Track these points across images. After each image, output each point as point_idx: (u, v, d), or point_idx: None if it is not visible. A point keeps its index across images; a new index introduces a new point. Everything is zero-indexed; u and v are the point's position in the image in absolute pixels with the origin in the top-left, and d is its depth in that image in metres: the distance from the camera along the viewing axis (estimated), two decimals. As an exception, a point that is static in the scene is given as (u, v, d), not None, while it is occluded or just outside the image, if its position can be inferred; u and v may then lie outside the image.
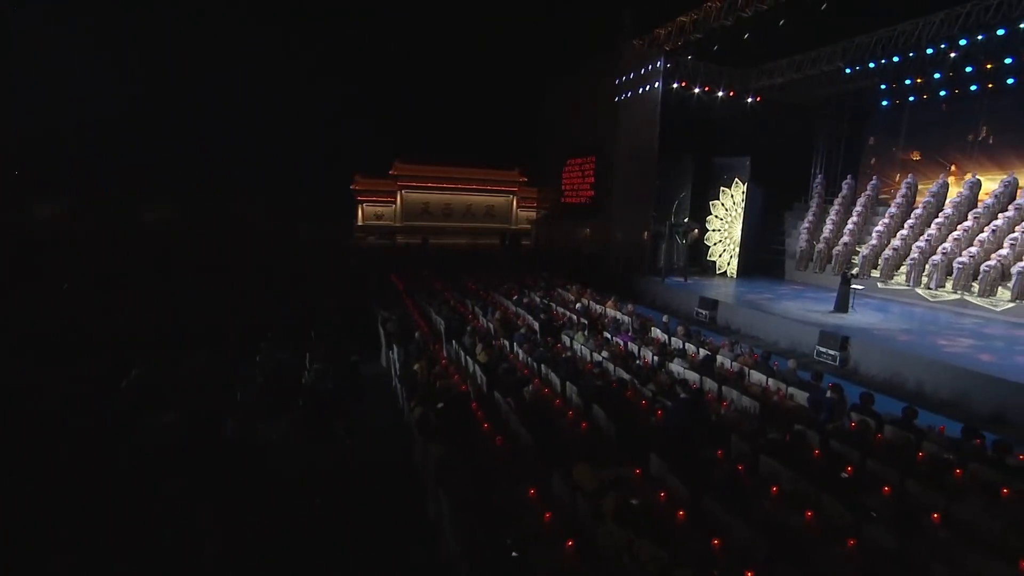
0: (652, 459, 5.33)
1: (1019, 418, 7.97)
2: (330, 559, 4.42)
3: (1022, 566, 3.96)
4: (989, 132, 15.82)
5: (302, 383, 6.70)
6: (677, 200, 18.55)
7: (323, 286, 15.84)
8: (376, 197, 32.32)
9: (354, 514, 4.84)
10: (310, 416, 5.07)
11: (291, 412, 5.32)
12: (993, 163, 15.74)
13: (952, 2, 13.28)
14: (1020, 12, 12.29)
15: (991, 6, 12.68)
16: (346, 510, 4.79)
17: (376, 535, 4.82)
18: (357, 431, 6.00)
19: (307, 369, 7.18)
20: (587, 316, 12.48)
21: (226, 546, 3.60)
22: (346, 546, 4.58)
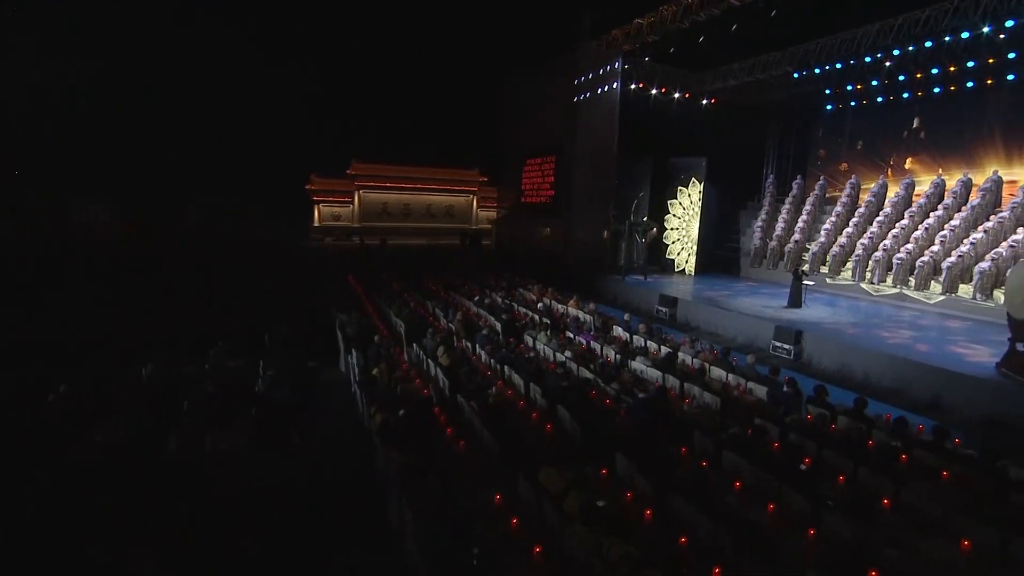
0: (618, 459, 5.31)
1: (952, 403, 8.47)
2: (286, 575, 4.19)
3: (964, 545, 4.15)
4: (920, 136, 16.79)
5: (255, 391, 6.37)
6: (636, 199, 18.84)
7: (278, 289, 15.24)
8: (333, 197, 31.50)
9: (311, 527, 4.61)
10: (263, 426, 4.80)
11: (243, 422, 5.02)
12: (924, 165, 16.72)
13: (885, 15, 13.99)
14: (944, 26, 13.10)
15: (919, 20, 13.45)
16: (303, 523, 4.55)
17: (336, 547, 4.61)
18: (314, 440, 5.75)
19: (260, 376, 6.83)
20: (549, 316, 12.47)
21: (163, 570, 3.32)
22: (303, 560, 4.35)
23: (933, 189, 15.93)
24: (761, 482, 4.94)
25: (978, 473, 5.27)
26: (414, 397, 6.81)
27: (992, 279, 12.94)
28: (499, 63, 27.14)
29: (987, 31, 12.81)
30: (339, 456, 5.96)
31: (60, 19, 22.77)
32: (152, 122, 25.35)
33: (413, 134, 32.22)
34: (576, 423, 6.18)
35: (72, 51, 23.24)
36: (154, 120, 25.41)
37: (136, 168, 25.93)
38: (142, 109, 25.20)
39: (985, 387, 8.45)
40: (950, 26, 13.08)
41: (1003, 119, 14.88)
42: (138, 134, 25.34)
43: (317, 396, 7.49)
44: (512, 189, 27.15)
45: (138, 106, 25.30)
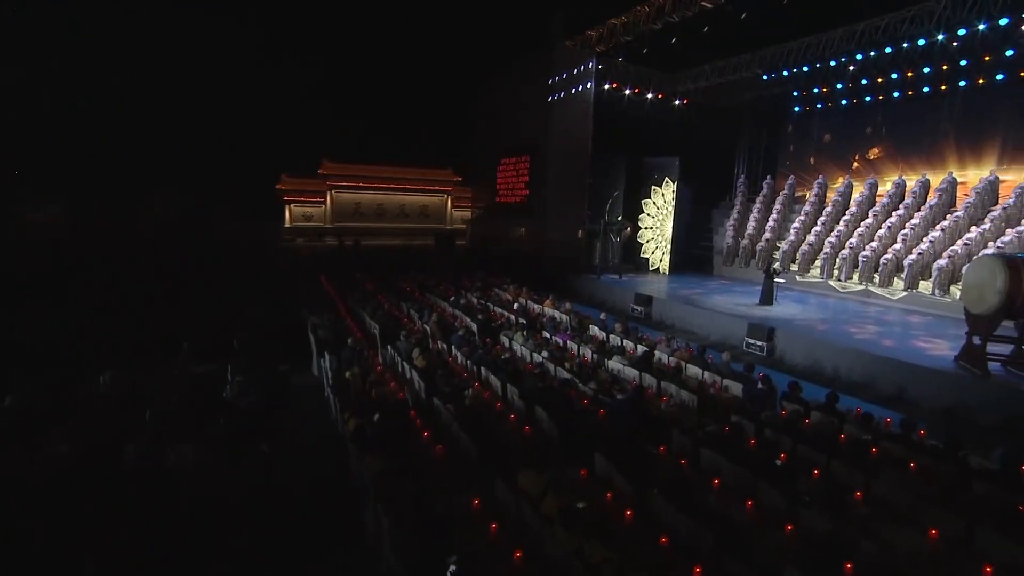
0: (597, 459, 5.28)
1: (916, 396, 8.78)
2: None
3: (932, 534, 4.25)
4: (882, 138, 17.36)
5: (223, 398, 6.12)
6: (611, 199, 18.96)
7: (247, 291, 14.80)
8: (305, 197, 30.81)
9: (284, 538, 4.44)
10: (231, 434, 4.60)
11: (210, 431, 4.81)
12: (886, 165, 17.30)
13: (848, 21, 14.41)
14: (903, 33, 13.58)
15: (879, 27, 13.92)
16: (275, 534, 4.38)
17: (311, 557, 4.46)
18: (286, 447, 5.55)
19: (228, 382, 6.58)
20: (525, 316, 12.42)
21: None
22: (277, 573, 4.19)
23: (895, 189, 16.50)
24: (739, 479, 4.97)
25: (942, 463, 5.43)
26: (389, 400, 6.67)
27: (949, 275, 13.44)
28: (473, 63, 26.99)
29: (941, 39, 13.34)
30: (312, 463, 5.79)
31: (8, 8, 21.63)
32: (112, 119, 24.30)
33: (386, 134, 31.73)
34: (554, 424, 6.13)
35: (26, 43, 22.14)
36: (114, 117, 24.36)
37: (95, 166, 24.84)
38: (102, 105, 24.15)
39: (945, 379, 8.76)
40: (908, 33, 13.59)
41: (957, 123, 15.52)
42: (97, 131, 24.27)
43: (289, 401, 7.26)
44: (487, 189, 27.04)
45: (98, 102, 24.24)
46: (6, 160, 22.81)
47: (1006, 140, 14.63)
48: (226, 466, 4.25)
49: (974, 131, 15.20)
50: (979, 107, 14.98)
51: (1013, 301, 8.35)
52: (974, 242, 13.57)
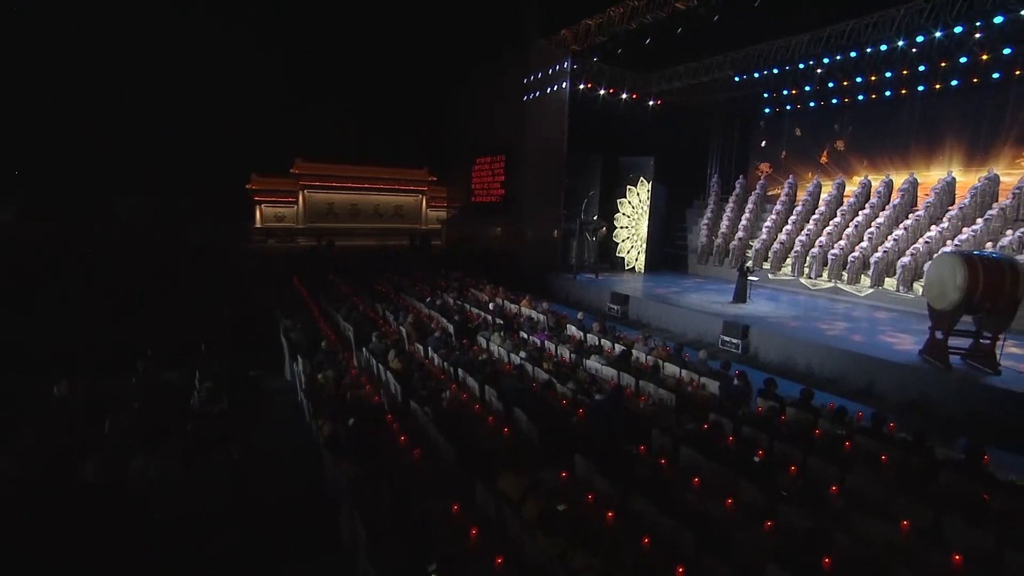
0: (577, 460, 5.24)
1: (884, 390, 9.05)
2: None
3: (903, 526, 4.34)
4: (847, 139, 17.86)
5: (190, 405, 5.88)
6: (586, 198, 19.04)
7: (216, 294, 14.35)
8: (276, 197, 30.16)
9: (257, 549, 4.27)
10: (199, 443, 4.40)
11: (176, 440, 4.60)
12: (852, 166, 17.80)
13: (815, 26, 14.80)
14: (866, 38, 14.00)
15: (844, 32, 14.32)
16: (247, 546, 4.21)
17: (285, 569, 4.30)
18: (257, 455, 5.36)
19: (196, 389, 6.32)
20: (502, 316, 12.34)
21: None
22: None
23: (861, 189, 17.00)
24: (718, 477, 5.00)
25: (911, 455, 5.56)
26: (364, 404, 6.52)
27: (912, 272, 13.90)
28: (447, 62, 26.79)
29: (901, 45, 13.79)
30: (285, 471, 5.60)
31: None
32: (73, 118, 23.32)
33: (360, 133, 31.28)
34: (533, 425, 6.08)
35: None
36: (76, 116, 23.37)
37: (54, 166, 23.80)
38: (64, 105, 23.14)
39: (910, 373, 9.04)
40: (871, 39, 14.01)
41: (916, 126, 16.08)
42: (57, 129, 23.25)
43: (260, 407, 7.04)
44: (462, 189, 26.87)
45: (60, 101, 23.22)
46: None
47: (960, 143, 15.23)
48: (194, 477, 4.06)
49: (932, 134, 15.77)
50: (936, 111, 15.57)
51: (971, 297, 8.65)
52: (934, 240, 14.05)
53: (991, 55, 13.53)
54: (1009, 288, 8.62)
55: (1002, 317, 8.86)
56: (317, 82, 30.00)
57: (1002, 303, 8.71)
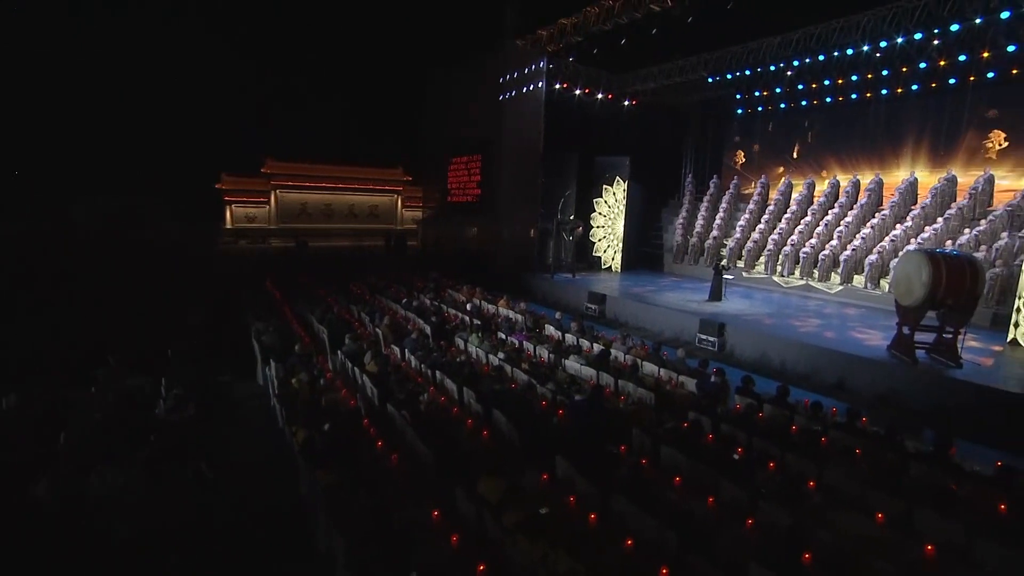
0: (558, 462, 5.19)
1: (855, 384, 9.28)
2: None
3: (879, 518, 4.42)
4: (817, 140, 18.30)
5: (155, 414, 5.62)
6: (563, 198, 19.07)
7: (185, 297, 13.88)
8: (247, 197, 29.44)
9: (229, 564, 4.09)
10: (165, 454, 4.19)
11: (139, 453, 4.38)
12: (822, 166, 18.24)
13: (785, 29, 15.15)
14: (833, 42, 14.40)
15: (813, 35, 14.69)
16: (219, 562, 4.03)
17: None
18: (228, 464, 5.16)
19: (162, 397, 6.06)
20: (480, 316, 12.25)
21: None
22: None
23: (830, 189, 17.42)
24: (699, 475, 5.01)
25: (884, 449, 5.68)
26: (340, 409, 6.35)
27: (879, 270, 14.31)
28: (423, 60, 26.54)
29: (866, 49, 14.20)
30: (258, 480, 5.40)
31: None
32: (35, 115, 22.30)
33: (333, 132, 30.78)
34: (513, 427, 6.01)
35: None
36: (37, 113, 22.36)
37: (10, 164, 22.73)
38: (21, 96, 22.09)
39: (879, 368, 9.28)
40: (838, 43, 14.40)
41: (881, 128, 16.57)
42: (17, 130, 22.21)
43: (231, 414, 6.80)
44: (438, 188, 26.65)
45: (21, 99, 22.16)
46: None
47: (922, 145, 15.76)
48: (159, 491, 3.86)
49: (895, 136, 16.28)
50: (899, 114, 16.09)
51: (935, 293, 8.93)
52: (899, 238, 14.49)
53: (948, 61, 14.03)
54: (969, 285, 8.94)
55: (963, 313, 9.18)
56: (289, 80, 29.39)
57: (963, 299, 9.03)
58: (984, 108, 14.41)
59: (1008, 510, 4.62)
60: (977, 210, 14.06)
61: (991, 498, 4.77)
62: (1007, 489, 4.96)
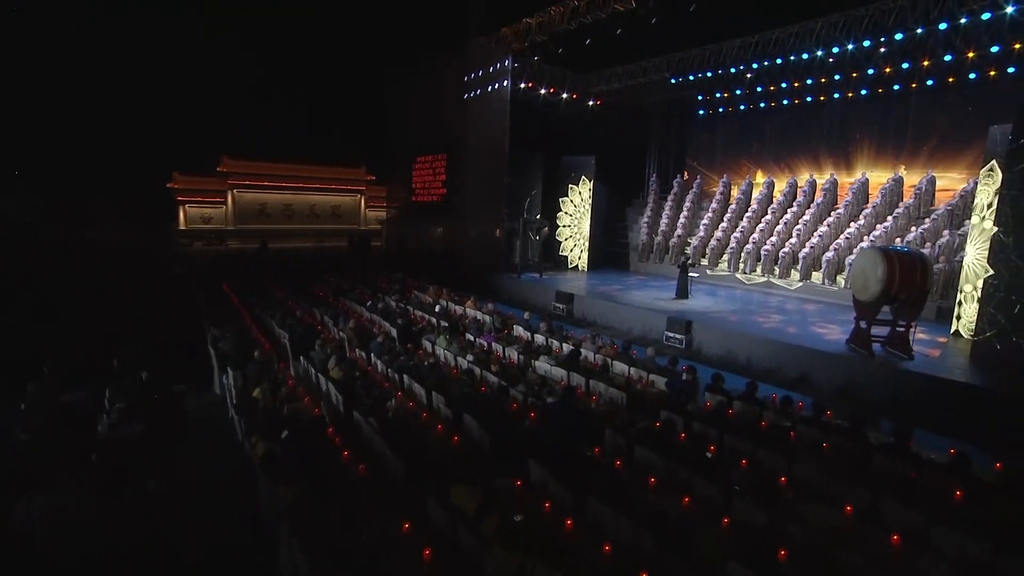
0: (532, 466, 5.07)
1: (817, 378, 9.52)
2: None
3: (847, 511, 4.48)
4: (776, 141, 18.84)
5: (97, 431, 5.20)
6: (529, 197, 19.02)
7: (133, 302, 13.12)
8: (202, 197, 28.26)
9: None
10: (106, 476, 3.85)
11: (78, 475, 4.01)
12: (780, 166, 18.80)
13: (744, 33, 15.54)
14: (790, 47, 14.86)
15: (771, 39, 15.13)
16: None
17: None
18: (181, 483, 4.82)
19: (106, 411, 5.62)
20: (447, 318, 12.04)
21: None
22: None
23: (788, 188, 17.97)
24: (673, 474, 4.98)
25: (849, 442, 5.80)
26: (303, 418, 6.07)
27: (835, 267, 14.83)
28: (386, 58, 26.05)
29: (820, 54, 14.70)
30: (214, 499, 5.05)
31: None
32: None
33: (294, 130, 29.81)
34: (484, 432, 5.86)
35: None
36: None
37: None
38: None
39: (839, 361, 9.56)
40: (794, 47, 14.88)
41: (835, 130, 17.23)
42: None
43: (184, 427, 6.39)
44: (402, 188, 26.23)
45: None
46: None
47: (871, 147, 16.48)
48: (98, 515, 3.54)
49: (847, 137, 17.00)
50: (851, 117, 16.80)
51: (890, 288, 9.27)
52: (853, 236, 15.05)
53: (893, 68, 14.67)
54: (920, 280, 9.34)
55: (914, 307, 9.58)
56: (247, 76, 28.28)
57: (915, 294, 9.41)
58: (925, 113, 15.15)
59: (963, 497, 4.77)
60: (922, 209, 14.75)
61: (947, 486, 4.91)
62: (961, 476, 5.13)
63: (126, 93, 24.77)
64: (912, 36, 13.12)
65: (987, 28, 12.25)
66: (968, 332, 10.41)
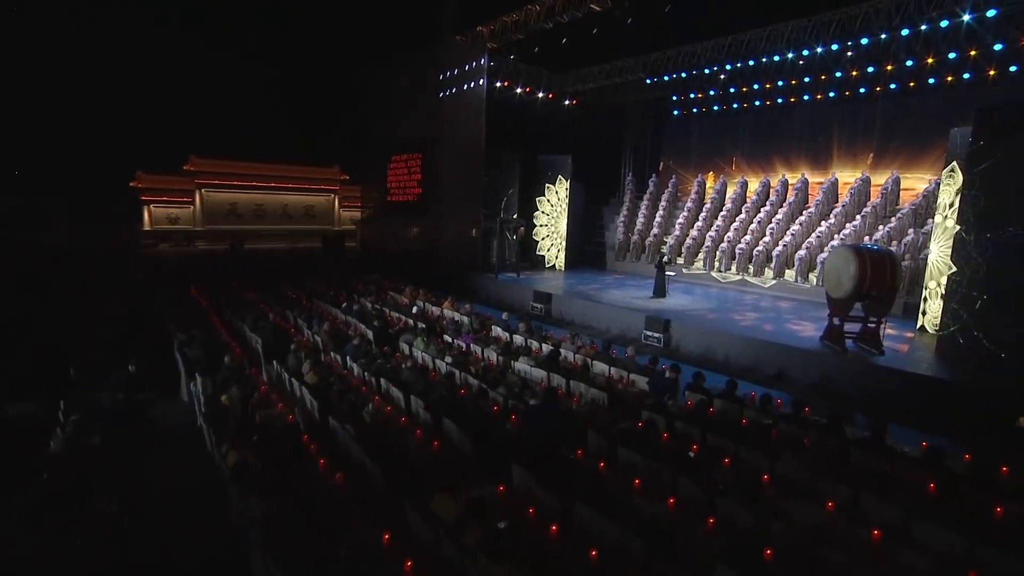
0: (514, 471, 4.97)
1: (793, 374, 9.66)
2: None
3: (829, 507, 4.51)
4: (748, 141, 19.14)
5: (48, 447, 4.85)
6: (505, 197, 18.91)
7: (93, 306, 12.54)
8: (168, 197, 27.37)
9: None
10: (59, 496, 3.58)
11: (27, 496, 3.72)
12: (753, 166, 19.10)
13: (718, 34, 15.76)
14: (762, 49, 15.15)
15: (743, 41, 15.38)
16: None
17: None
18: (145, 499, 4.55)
19: (60, 424, 5.28)
20: (424, 319, 11.85)
21: None
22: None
23: (761, 188, 18.28)
24: (657, 475, 4.94)
25: (828, 437, 5.85)
26: (276, 425, 5.84)
27: (807, 264, 15.13)
28: (360, 56, 25.56)
29: (791, 56, 14.98)
30: (183, 515, 4.80)
31: None
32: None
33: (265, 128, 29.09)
34: (465, 436, 5.74)
35: None
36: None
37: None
38: None
39: (814, 357, 9.73)
40: (765, 49, 15.13)
41: (807, 131, 17.56)
42: None
43: (149, 438, 6.08)
44: (377, 187, 25.81)
45: None
46: None
47: (840, 147, 16.86)
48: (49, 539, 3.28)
49: (816, 138, 17.36)
50: (820, 118, 17.14)
51: (862, 285, 9.46)
52: (824, 235, 15.38)
53: (859, 72, 15.06)
54: (890, 277, 9.57)
55: (884, 303, 9.81)
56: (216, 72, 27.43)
57: (885, 291, 9.63)
58: (890, 116, 15.58)
59: (936, 489, 4.85)
60: (888, 208, 15.15)
61: (922, 479, 4.99)
62: (936, 470, 5.22)
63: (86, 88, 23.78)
64: (877, 41, 13.49)
65: (945, 35, 12.68)
66: (933, 327, 10.71)
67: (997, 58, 12.56)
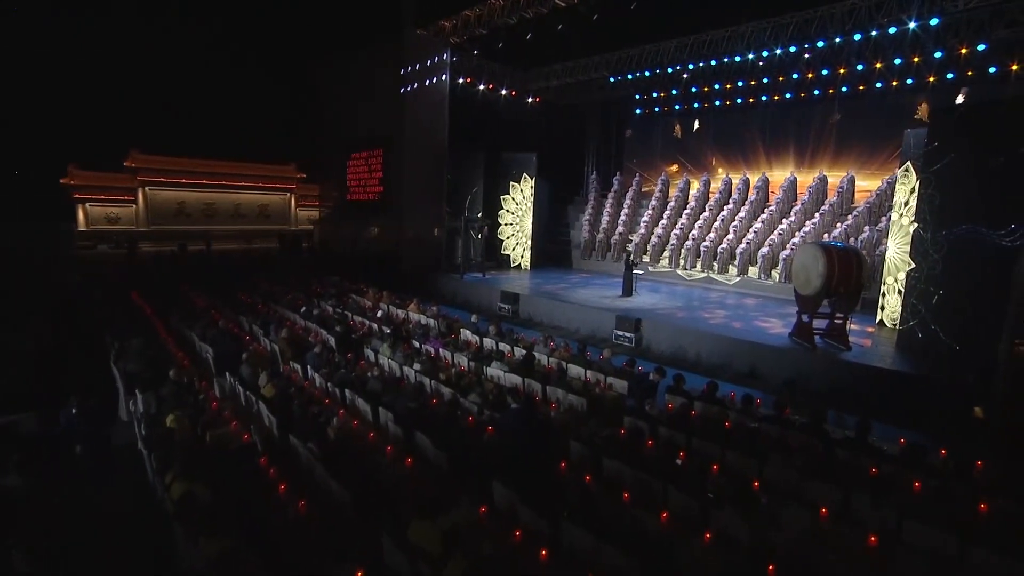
0: (496, 488, 4.62)
1: (764, 371, 9.70)
2: None
3: (823, 513, 4.37)
4: (710, 140, 19.40)
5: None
6: (470, 195, 18.51)
7: (13, 316, 11.36)
8: (105, 195, 25.50)
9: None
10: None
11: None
12: (715, 165, 19.39)
13: (680, 34, 15.87)
14: (723, 49, 15.33)
15: (705, 42, 15.55)
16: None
17: None
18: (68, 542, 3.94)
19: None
20: (389, 323, 11.33)
21: None
22: None
23: (723, 186, 18.54)
24: (646, 486, 4.69)
25: (811, 438, 5.77)
26: (230, 447, 5.30)
27: (770, 262, 15.41)
28: (317, 49, 24.54)
29: (751, 57, 15.23)
30: (117, 559, 4.17)
31: None
32: None
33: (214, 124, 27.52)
34: (439, 451, 5.34)
35: None
36: None
37: None
38: None
39: (784, 354, 9.81)
40: (726, 50, 15.33)
41: (767, 131, 17.92)
42: None
43: (75, 468, 5.38)
44: (336, 186, 24.93)
45: None
46: None
47: (798, 147, 17.28)
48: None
49: (776, 138, 17.75)
50: (779, 118, 17.53)
51: (830, 282, 9.58)
52: (785, 232, 15.70)
53: (815, 74, 15.45)
54: (856, 274, 9.72)
55: (850, 300, 9.97)
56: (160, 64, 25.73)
57: (851, 288, 9.79)
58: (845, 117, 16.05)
59: (922, 488, 4.80)
60: (844, 207, 15.60)
61: (908, 478, 4.94)
62: (920, 468, 5.20)
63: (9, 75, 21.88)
64: (832, 45, 13.86)
65: (891, 42, 13.15)
66: (892, 322, 11.00)
67: (936, 65, 13.18)
